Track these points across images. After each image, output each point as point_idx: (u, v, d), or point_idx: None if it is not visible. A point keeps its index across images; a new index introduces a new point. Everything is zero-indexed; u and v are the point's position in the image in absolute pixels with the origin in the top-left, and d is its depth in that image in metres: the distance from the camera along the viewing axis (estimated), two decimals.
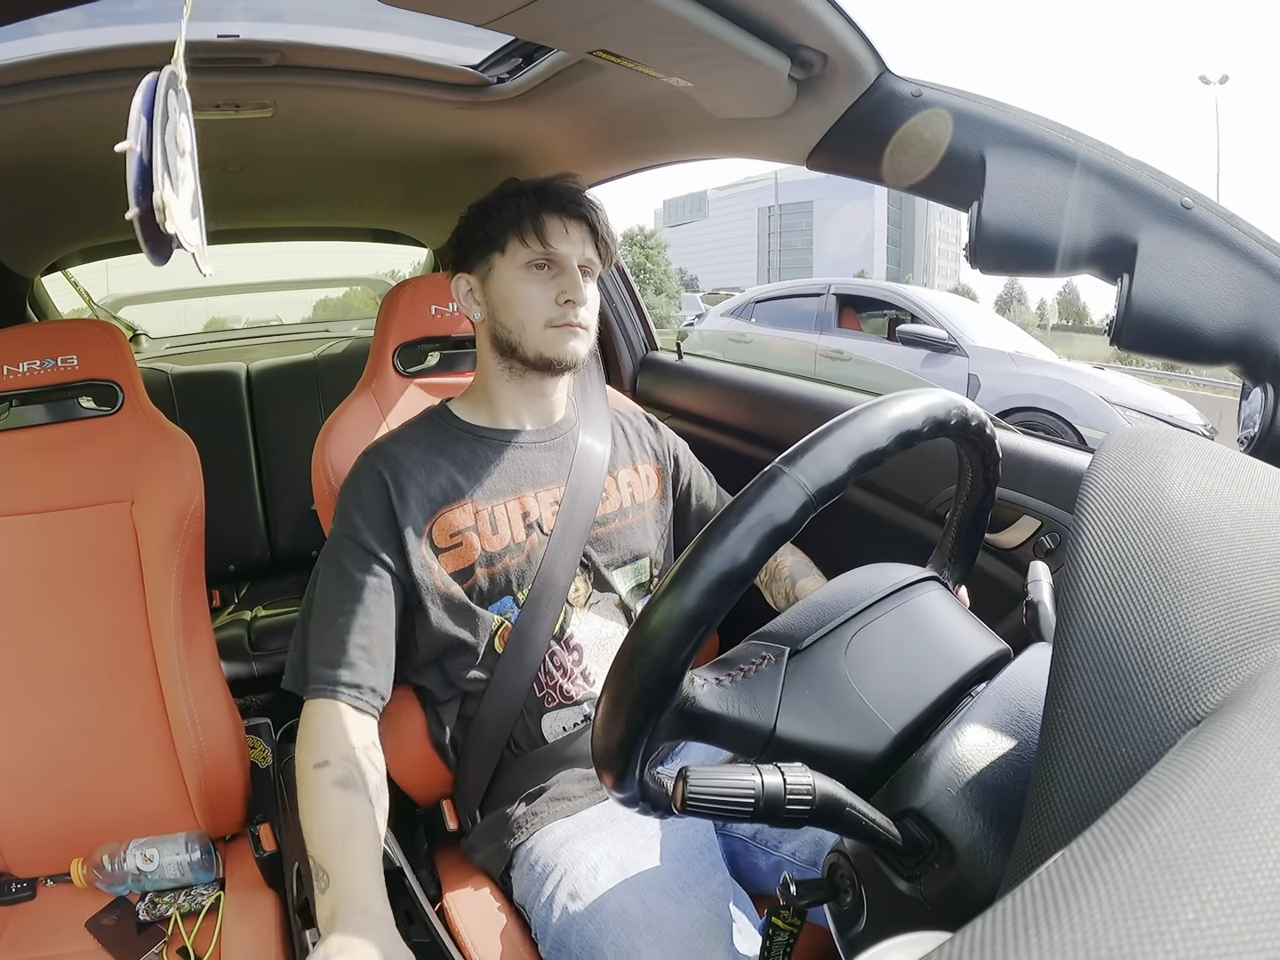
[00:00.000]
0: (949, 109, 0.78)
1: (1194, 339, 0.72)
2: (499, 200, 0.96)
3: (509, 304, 0.94)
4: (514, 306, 0.94)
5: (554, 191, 0.95)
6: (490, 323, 0.97)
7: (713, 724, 0.49)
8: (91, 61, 0.93)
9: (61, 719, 1.04)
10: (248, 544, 1.99)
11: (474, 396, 1.02)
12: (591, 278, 0.98)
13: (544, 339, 0.93)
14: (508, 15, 0.71)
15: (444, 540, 0.90)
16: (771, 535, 0.42)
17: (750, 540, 0.42)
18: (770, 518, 0.42)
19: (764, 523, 0.42)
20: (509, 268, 0.94)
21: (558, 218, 0.94)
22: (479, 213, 0.97)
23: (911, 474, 1.10)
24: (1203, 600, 0.34)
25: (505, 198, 0.95)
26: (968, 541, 0.65)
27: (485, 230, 0.95)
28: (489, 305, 0.96)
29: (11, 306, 1.71)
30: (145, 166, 0.45)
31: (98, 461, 1.11)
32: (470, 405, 1.01)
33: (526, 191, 0.95)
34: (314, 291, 3.26)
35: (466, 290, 0.98)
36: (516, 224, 0.93)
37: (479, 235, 0.96)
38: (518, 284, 0.93)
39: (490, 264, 0.95)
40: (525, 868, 0.86)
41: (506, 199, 0.95)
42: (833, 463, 0.43)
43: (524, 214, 0.93)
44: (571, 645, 0.95)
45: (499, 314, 0.95)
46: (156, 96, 0.46)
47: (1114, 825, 0.23)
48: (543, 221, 0.93)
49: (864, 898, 0.49)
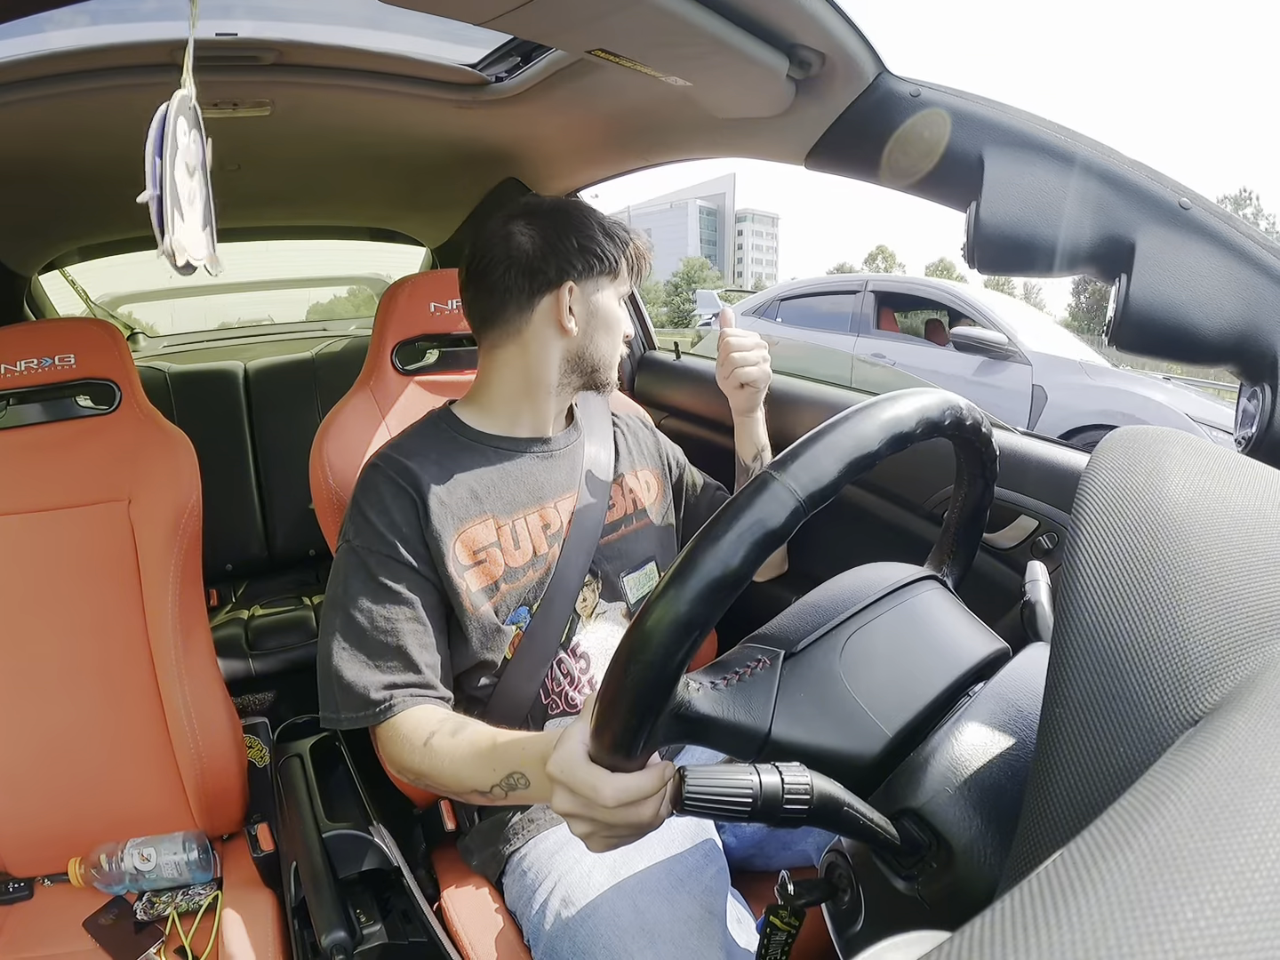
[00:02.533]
0: (947, 109, 0.78)
1: (1192, 339, 0.72)
2: (613, 226, 0.97)
3: (611, 328, 0.97)
4: (614, 333, 0.97)
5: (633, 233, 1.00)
6: (582, 340, 0.95)
7: (708, 728, 0.49)
8: (90, 60, 0.92)
9: (58, 718, 1.04)
10: (245, 543, 1.98)
11: (484, 402, 0.97)
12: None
13: (614, 365, 0.99)
14: (506, 14, 0.71)
15: (468, 558, 0.88)
16: (763, 541, 0.42)
17: (742, 547, 0.42)
18: (761, 524, 0.42)
19: (755, 529, 0.42)
20: (614, 295, 0.97)
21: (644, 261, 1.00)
22: (598, 228, 0.94)
23: (909, 473, 1.10)
24: (1200, 600, 0.34)
25: (616, 225, 0.97)
26: (966, 540, 0.65)
27: (606, 249, 0.94)
28: (589, 324, 0.95)
29: (9, 305, 1.71)
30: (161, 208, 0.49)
31: (95, 460, 1.11)
32: (479, 411, 0.97)
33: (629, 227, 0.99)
34: (307, 293, 3.26)
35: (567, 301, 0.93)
36: (630, 255, 0.97)
37: (600, 250, 0.94)
38: (619, 311, 0.97)
39: (599, 284, 0.95)
40: (518, 874, 0.86)
41: (618, 227, 0.97)
42: (823, 468, 0.43)
43: (634, 250, 0.97)
44: (579, 653, 0.94)
45: (598, 334, 0.96)
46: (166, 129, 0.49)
47: (1112, 825, 0.23)
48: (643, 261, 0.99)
49: (862, 897, 0.49)
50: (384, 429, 1.11)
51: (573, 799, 0.52)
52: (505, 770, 0.68)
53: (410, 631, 0.83)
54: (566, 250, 0.92)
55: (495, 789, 0.69)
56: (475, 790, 0.71)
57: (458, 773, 0.73)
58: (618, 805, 0.50)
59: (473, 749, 0.72)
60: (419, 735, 0.77)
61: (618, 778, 0.50)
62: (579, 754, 0.51)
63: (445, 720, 0.78)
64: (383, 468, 0.89)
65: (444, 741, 0.75)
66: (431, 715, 0.80)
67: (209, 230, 0.56)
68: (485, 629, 0.88)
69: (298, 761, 1.10)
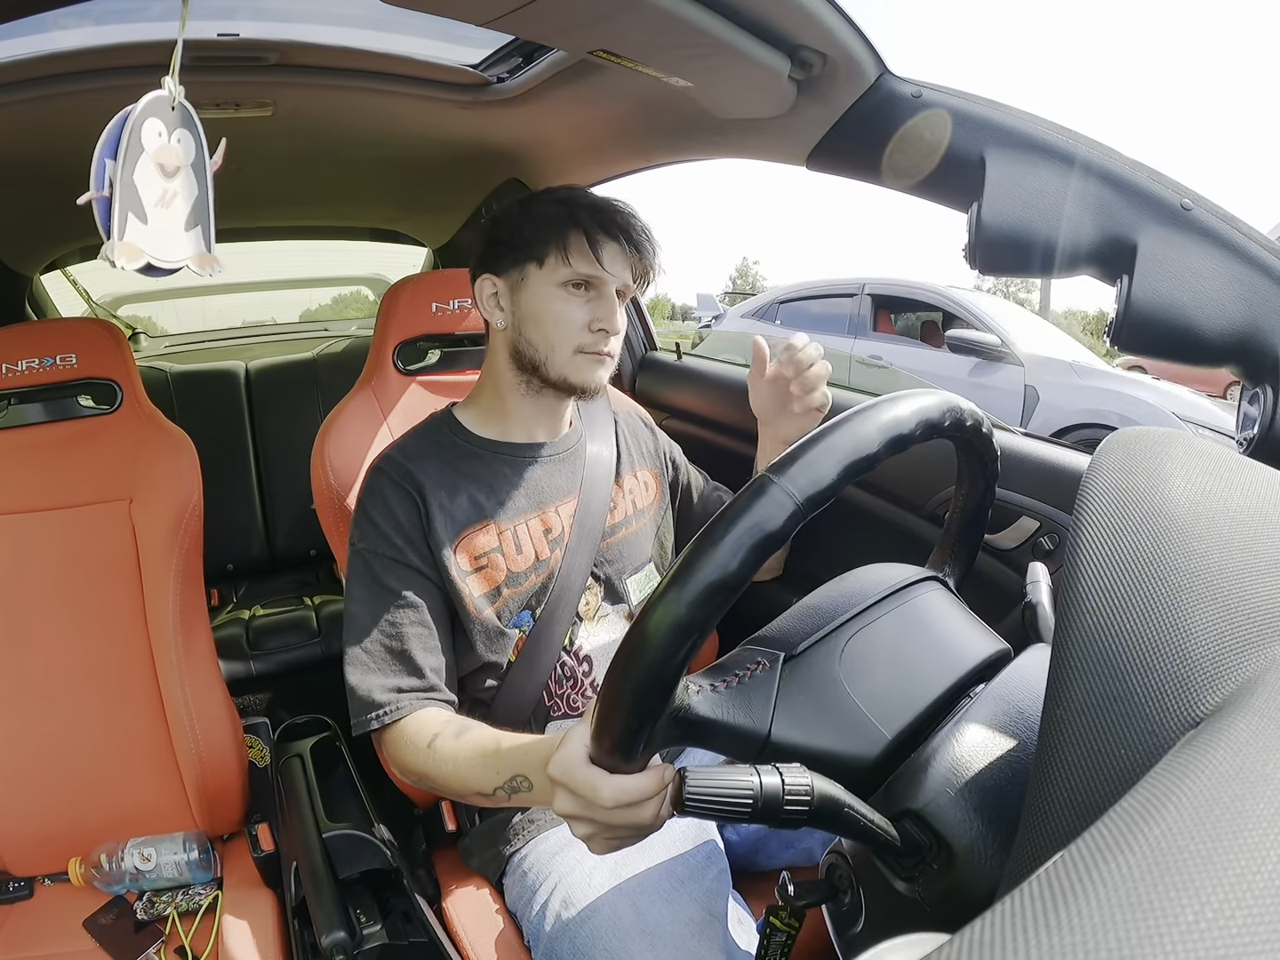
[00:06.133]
0: (949, 110, 0.78)
1: (1193, 340, 0.72)
2: (544, 206, 0.89)
3: (539, 321, 0.88)
4: (545, 325, 0.88)
5: (607, 210, 0.88)
6: (513, 334, 0.91)
7: (708, 730, 0.49)
8: (91, 60, 0.93)
9: (59, 718, 1.04)
10: (246, 543, 1.99)
11: (482, 405, 0.97)
12: (624, 302, 0.92)
13: (571, 364, 0.89)
14: (508, 15, 0.71)
15: (469, 563, 0.88)
16: (761, 544, 0.42)
17: (740, 550, 0.42)
18: (759, 527, 0.42)
19: (753, 532, 0.42)
20: (545, 282, 0.88)
21: (609, 238, 0.87)
22: (519, 214, 0.90)
23: (911, 474, 1.10)
24: (1202, 602, 0.34)
25: (552, 204, 0.89)
26: (968, 539, 0.65)
27: (525, 235, 0.88)
28: (515, 316, 0.90)
29: (11, 304, 1.71)
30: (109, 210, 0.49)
31: (96, 460, 1.11)
32: (479, 415, 0.96)
33: (578, 204, 0.88)
34: (306, 294, 3.27)
35: (491, 294, 0.92)
36: (562, 237, 0.86)
37: (517, 238, 0.89)
38: (553, 301, 0.88)
39: (524, 272, 0.89)
40: (519, 875, 0.86)
41: (553, 206, 0.88)
42: (821, 471, 0.43)
43: (574, 228, 0.86)
44: (581, 656, 0.94)
45: (526, 328, 0.90)
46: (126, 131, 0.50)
47: (1113, 826, 0.23)
48: (597, 240, 0.86)
49: (862, 898, 0.49)
50: (385, 429, 1.11)
51: (573, 801, 0.52)
52: (508, 773, 0.68)
53: (415, 635, 0.83)
54: (483, 243, 0.93)
55: (498, 791, 0.69)
56: (478, 792, 0.71)
57: (461, 775, 0.73)
58: (616, 807, 0.50)
59: (476, 751, 0.72)
60: (423, 738, 0.77)
61: (617, 779, 0.50)
62: (579, 756, 0.51)
63: (449, 723, 0.78)
64: (386, 471, 0.89)
65: (448, 744, 0.75)
66: (435, 718, 0.80)
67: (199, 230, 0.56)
68: (489, 632, 0.88)
69: (298, 762, 1.10)
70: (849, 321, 5.70)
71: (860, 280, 5.89)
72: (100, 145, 0.50)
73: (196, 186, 0.56)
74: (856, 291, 5.79)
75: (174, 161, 0.54)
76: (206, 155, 0.58)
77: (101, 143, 0.50)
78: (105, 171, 0.50)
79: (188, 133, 0.56)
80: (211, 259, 0.58)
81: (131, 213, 0.51)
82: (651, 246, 0.90)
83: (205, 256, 0.57)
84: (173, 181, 0.54)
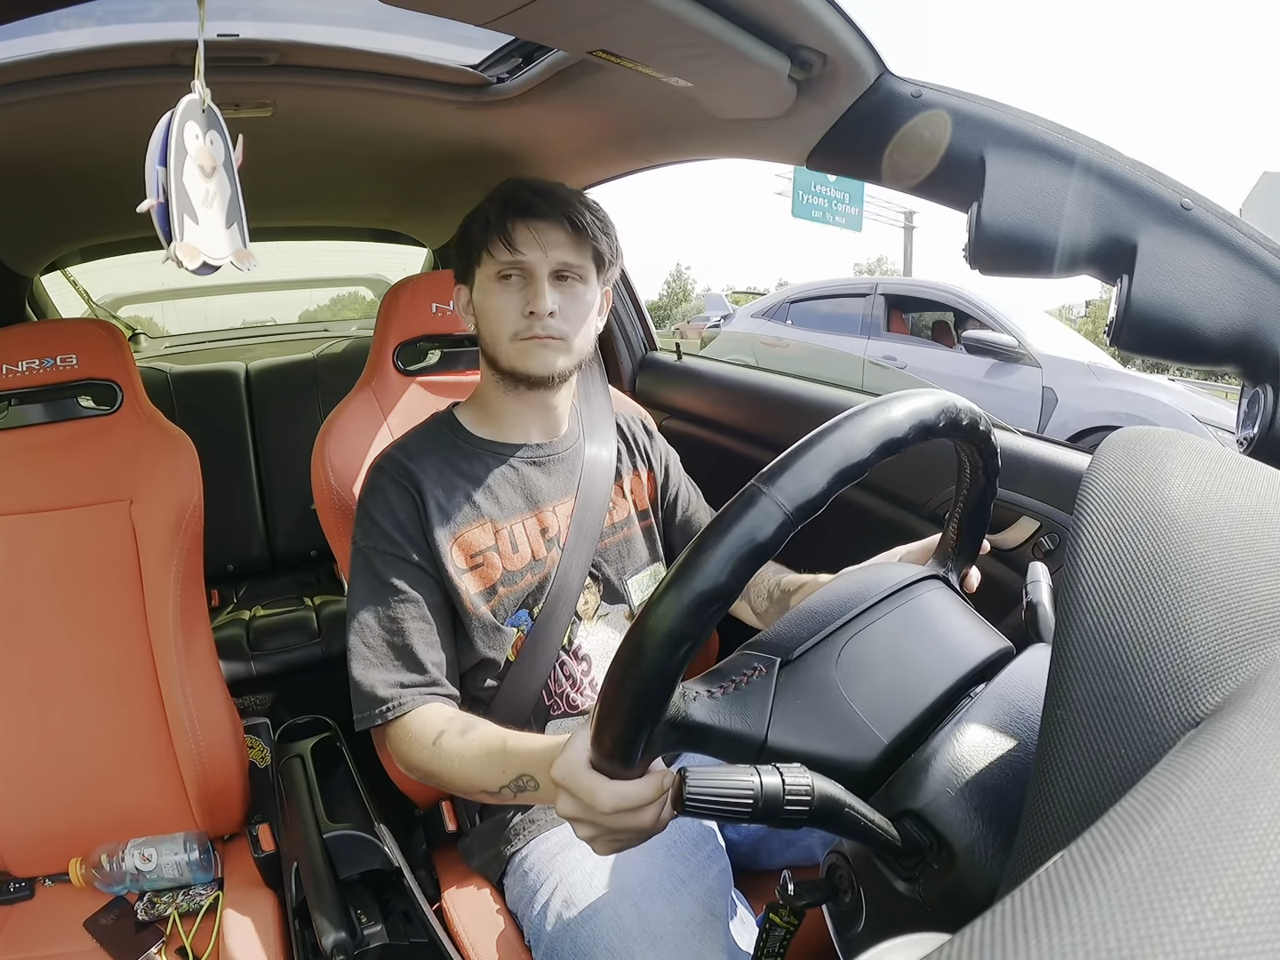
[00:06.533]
0: (949, 109, 0.78)
1: (1193, 340, 0.72)
2: (476, 211, 0.93)
3: (484, 317, 0.92)
4: (488, 319, 0.91)
5: (518, 195, 0.89)
6: (479, 336, 0.95)
7: (705, 736, 0.49)
8: (92, 60, 0.92)
9: (60, 718, 1.04)
10: (247, 543, 1.99)
11: (479, 406, 0.99)
12: (579, 281, 0.91)
13: (512, 352, 0.90)
14: (508, 15, 0.71)
15: (465, 561, 0.89)
16: (751, 555, 0.42)
17: (730, 561, 0.42)
18: (749, 538, 0.42)
19: (742, 543, 0.42)
20: (483, 279, 0.91)
21: (521, 222, 0.87)
22: (467, 221, 0.94)
23: (911, 474, 1.10)
24: (1202, 601, 0.34)
25: (485, 204, 0.92)
26: (970, 536, 0.65)
27: (470, 240, 0.92)
28: (476, 318, 0.94)
29: (11, 305, 1.71)
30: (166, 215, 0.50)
31: (96, 461, 1.11)
32: (477, 415, 0.98)
33: (494, 198, 0.91)
34: (306, 295, 3.27)
35: (466, 302, 0.96)
36: (484, 234, 0.89)
37: (465, 245, 0.93)
38: (489, 296, 0.91)
39: (473, 276, 0.93)
40: (519, 875, 0.86)
41: (485, 204, 0.92)
42: (811, 480, 0.43)
43: (489, 223, 0.89)
44: (580, 655, 0.94)
45: (479, 327, 0.94)
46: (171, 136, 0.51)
47: (1113, 826, 0.23)
48: (506, 228, 0.87)
49: (863, 898, 0.49)
50: (385, 429, 1.11)
51: (574, 804, 0.53)
52: (515, 772, 0.68)
53: (417, 630, 0.84)
54: (455, 254, 0.97)
55: (504, 790, 0.69)
56: (484, 790, 0.72)
57: (467, 773, 0.73)
58: (615, 812, 0.51)
59: (482, 749, 0.73)
60: (428, 734, 0.78)
61: (616, 785, 0.50)
62: (581, 760, 0.52)
63: (454, 719, 0.79)
64: (387, 469, 0.90)
65: (453, 741, 0.75)
66: (440, 714, 0.80)
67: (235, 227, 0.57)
68: (486, 629, 0.89)
69: (299, 762, 1.10)
70: (862, 322, 5.64)
71: (873, 280, 5.88)
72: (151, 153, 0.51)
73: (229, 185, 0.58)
74: (869, 291, 5.74)
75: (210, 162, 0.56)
76: (234, 154, 0.59)
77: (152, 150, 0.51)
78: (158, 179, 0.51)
79: (217, 134, 0.57)
80: (248, 254, 0.59)
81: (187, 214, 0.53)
82: (583, 217, 0.88)
83: (242, 251, 0.59)
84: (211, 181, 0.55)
